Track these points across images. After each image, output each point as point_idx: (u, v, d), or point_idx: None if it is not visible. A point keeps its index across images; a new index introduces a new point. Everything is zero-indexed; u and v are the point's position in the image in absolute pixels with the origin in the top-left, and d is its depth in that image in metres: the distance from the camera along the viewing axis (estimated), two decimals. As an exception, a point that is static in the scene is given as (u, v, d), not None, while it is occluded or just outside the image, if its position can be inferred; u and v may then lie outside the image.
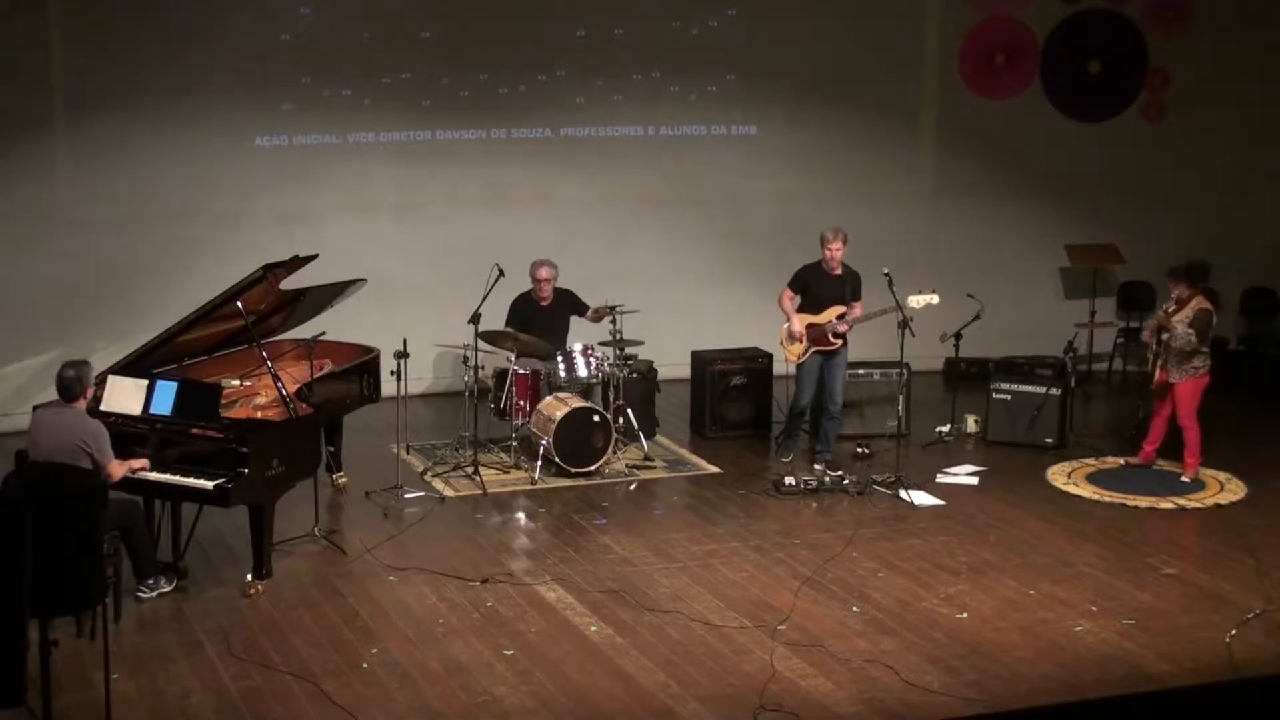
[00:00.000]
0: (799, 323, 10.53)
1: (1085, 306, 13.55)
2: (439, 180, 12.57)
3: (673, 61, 12.94)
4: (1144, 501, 9.95)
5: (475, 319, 10.29)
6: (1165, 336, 10.16)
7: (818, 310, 10.54)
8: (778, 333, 10.71)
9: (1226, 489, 10.23)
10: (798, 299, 10.64)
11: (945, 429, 11.59)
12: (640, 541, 9.14)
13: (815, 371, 10.60)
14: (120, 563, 7.84)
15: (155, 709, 6.85)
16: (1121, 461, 10.76)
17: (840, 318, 10.46)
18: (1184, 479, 10.33)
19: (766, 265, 11.33)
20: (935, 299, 10.42)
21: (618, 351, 10.87)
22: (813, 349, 10.53)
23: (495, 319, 10.89)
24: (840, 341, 10.54)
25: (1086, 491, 10.18)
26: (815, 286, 10.56)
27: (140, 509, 8.19)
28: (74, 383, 7.69)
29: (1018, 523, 9.54)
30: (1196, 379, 10.19)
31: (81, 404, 7.75)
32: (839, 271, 10.54)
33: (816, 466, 10.60)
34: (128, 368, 8.60)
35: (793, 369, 10.82)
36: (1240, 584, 8.44)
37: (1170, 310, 10.22)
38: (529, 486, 10.20)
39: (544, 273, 11.09)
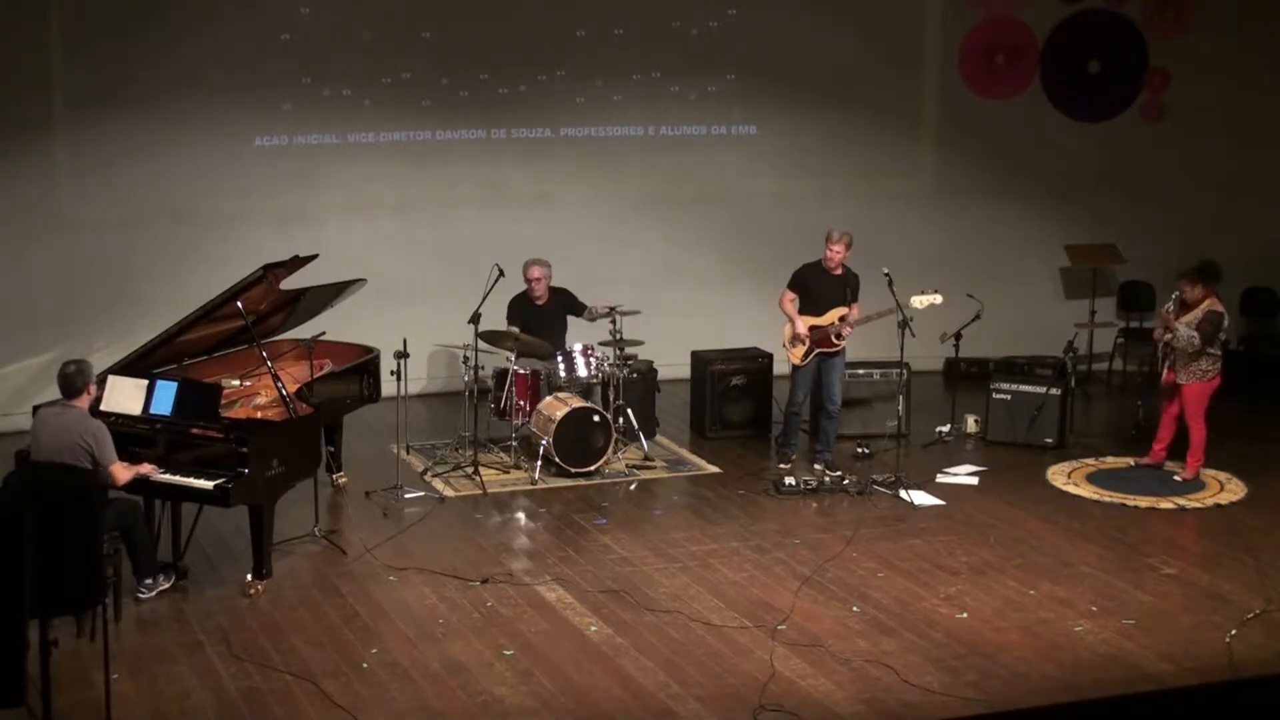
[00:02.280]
0: (803, 325, 10.51)
1: (1085, 306, 13.55)
2: (439, 180, 12.57)
3: (673, 61, 12.93)
4: (1144, 501, 9.95)
5: (475, 319, 10.29)
6: (1169, 337, 10.15)
7: (818, 311, 10.52)
8: (778, 333, 10.69)
9: (1226, 489, 10.23)
10: (798, 300, 10.63)
11: (945, 429, 11.59)
12: (640, 541, 9.15)
13: (813, 372, 10.60)
14: (120, 563, 7.84)
15: (155, 709, 6.86)
16: (1130, 462, 10.74)
17: (842, 319, 10.45)
18: (1178, 478, 10.33)
19: (766, 265, 11.33)
20: (939, 299, 10.41)
21: (618, 351, 10.87)
22: (816, 351, 10.53)
23: (495, 319, 10.88)
24: (842, 343, 10.54)
25: (1086, 491, 10.18)
26: (814, 287, 10.54)
27: (140, 509, 8.19)
28: (76, 376, 7.70)
29: (1018, 523, 9.54)
30: (1205, 382, 10.16)
31: (84, 400, 7.76)
32: (839, 272, 10.53)
33: (816, 466, 10.61)
34: (128, 368, 8.60)
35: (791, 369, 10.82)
36: (1240, 584, 8.45)
37: (1172, 310, 10.20)
38: (529, 486, 10.20)
39: (534, 272, 11.08)
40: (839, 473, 10.42)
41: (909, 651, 7.52)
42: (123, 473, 7.79)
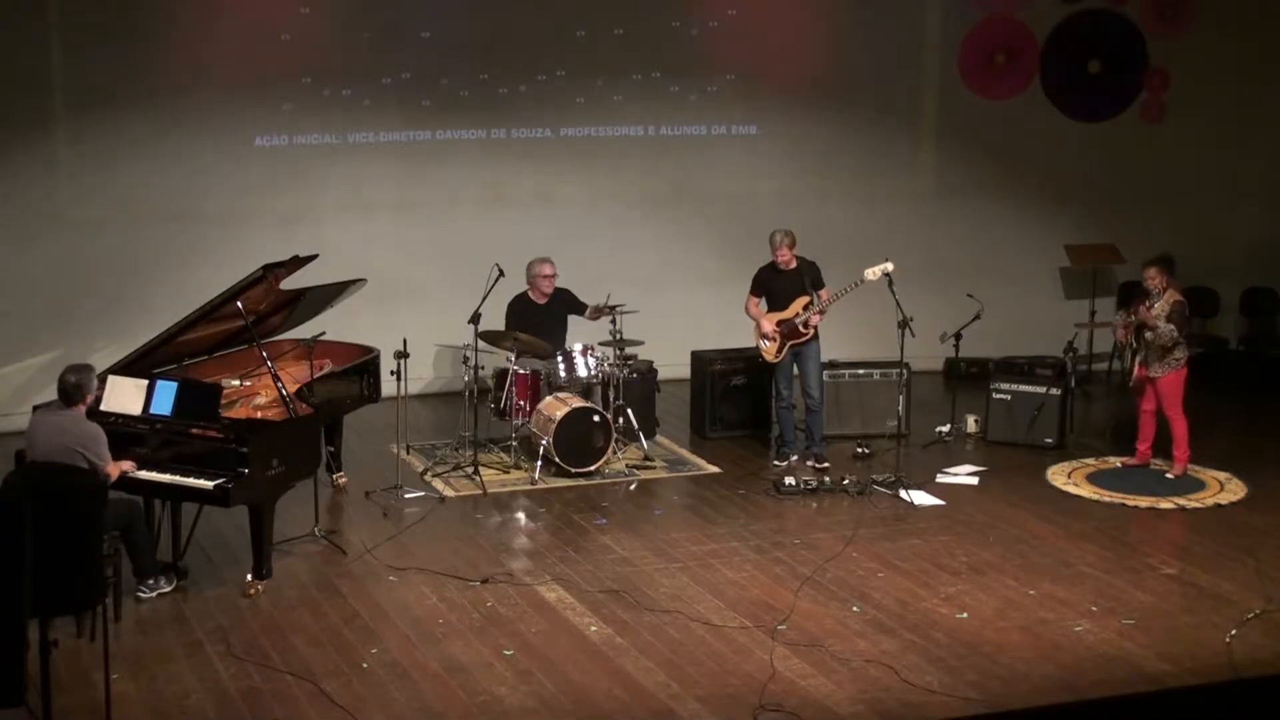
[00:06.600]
0: (769, 323, 10.60)
1: (1085, 306, 13.55)
2: (439, 180, 12.57)
3: (673, 61, 12.93)
4: (1144, 501, 9.95)
5: (475, 319, 10.29)
6: (1149, 335, 10.17)
7: (782, 307, 10.62)
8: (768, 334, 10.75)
9: (1226, 489, 10.22)
10: (763, 302, 10.70)
11: (945, 429, 11.59)
12: (640, 541, 9.14)
13: (790, 366, 10.66)
14: (120, 563, 7.84)
15: (155, 709, 6.86)
16: (1118, 464, 10.75)
17: (807, 308, 10.49)
18: (1169, 475, 10.33)
19: (766, 265, 11.30)
20: (889, 265, 10.23)
21: (618, 351, 10.87)
22: (788, 344, 10.57)
23: (495, 319, 10.89)
24: (811, 332, 10.57)
25: (1086, 491, 10.18)
26: (774, 286, 10.65)
27: (140, 509, 8.19)
28: (75, 389, 7.68)
29: (1018, 523, 9.54)
30: (1178, 371, 10.21)
31: (81, 409, 7.74)
32: (794, 264, 10.58)
33: (808, 462, 10.63)
34: (128, 368, 8.60)
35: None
36: (1240, 584, 8.44)
37: (1148, 305, 10.22)
38: (529, 486, 10.20)
39: (547, 269, 11.09)
40: (827, 464, 10.47)
41: (909, 651, 7.52)
42: (113, 470, 7.80)
